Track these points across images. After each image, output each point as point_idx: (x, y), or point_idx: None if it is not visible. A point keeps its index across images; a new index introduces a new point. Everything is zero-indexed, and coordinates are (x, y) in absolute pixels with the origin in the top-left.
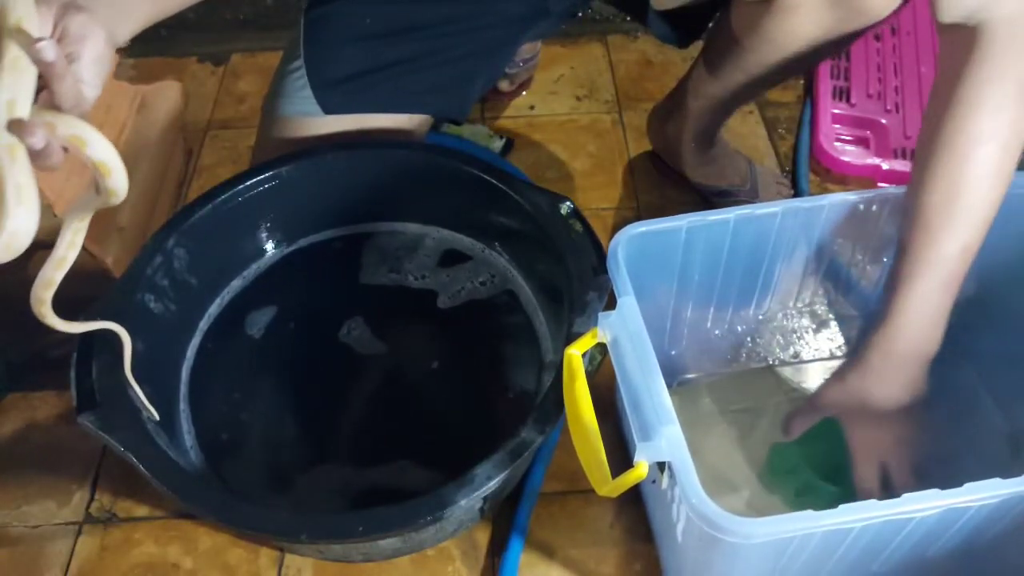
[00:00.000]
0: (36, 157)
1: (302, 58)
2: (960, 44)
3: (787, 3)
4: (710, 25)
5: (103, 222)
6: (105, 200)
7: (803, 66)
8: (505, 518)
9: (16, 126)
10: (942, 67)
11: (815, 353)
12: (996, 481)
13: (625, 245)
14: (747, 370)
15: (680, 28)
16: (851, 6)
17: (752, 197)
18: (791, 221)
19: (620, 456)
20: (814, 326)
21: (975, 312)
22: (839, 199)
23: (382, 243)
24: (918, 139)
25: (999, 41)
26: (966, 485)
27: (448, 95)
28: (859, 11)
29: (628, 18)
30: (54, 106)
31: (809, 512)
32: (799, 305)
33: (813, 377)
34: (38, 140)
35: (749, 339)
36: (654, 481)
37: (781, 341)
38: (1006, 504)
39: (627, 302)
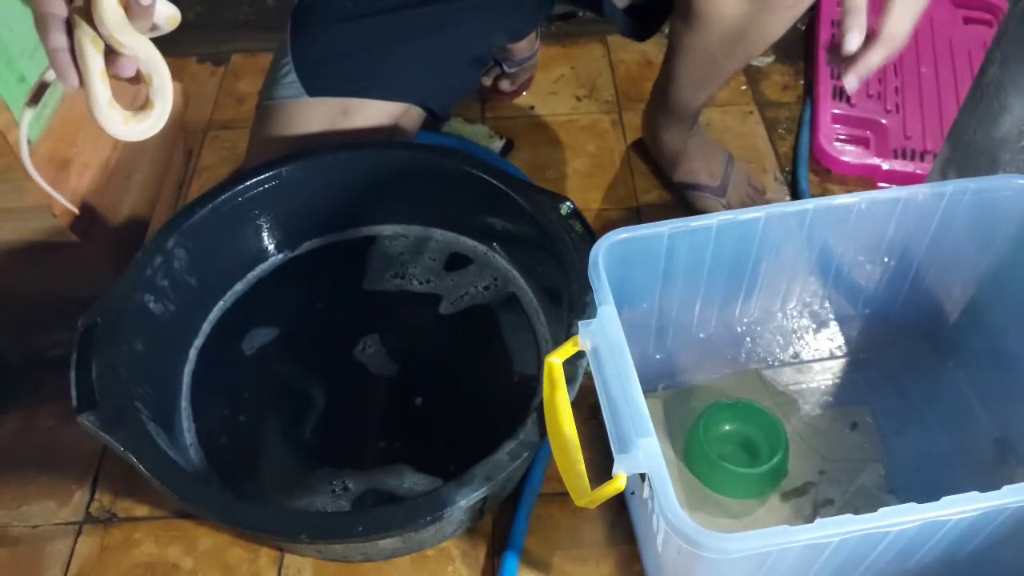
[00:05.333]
0: (138, 15)
1: (289, 46)
2: None
3: None
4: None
5: (103, 222)
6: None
7: (749, 49)
8: (505, 518)
9: None
10: None
11: (815, 353)
12: (974, 495)
13: (606, 253)
14: (746, 371)
15: (640, 22)
16: None
17: (719, 195)
18: (776, 226)
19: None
20: (814, 326)
21: (963, 315)
22: (823, 203)
23: (386, 247)
24: None
25: None
26: (943, 499)
27: (427, 81)
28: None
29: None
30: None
31: (785, 528)
32: (798, 306)
33: (813, 377)
34: None
35: (748, 340)
36: (632, 493)
37: (781, 341)
38: (985, 517)
39: (607, 311)
